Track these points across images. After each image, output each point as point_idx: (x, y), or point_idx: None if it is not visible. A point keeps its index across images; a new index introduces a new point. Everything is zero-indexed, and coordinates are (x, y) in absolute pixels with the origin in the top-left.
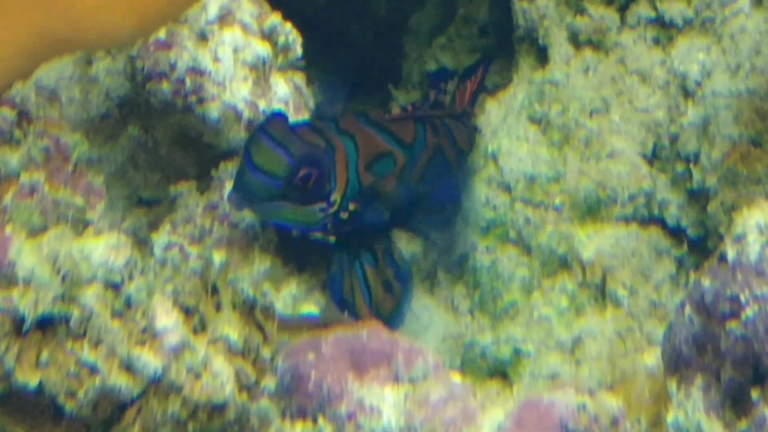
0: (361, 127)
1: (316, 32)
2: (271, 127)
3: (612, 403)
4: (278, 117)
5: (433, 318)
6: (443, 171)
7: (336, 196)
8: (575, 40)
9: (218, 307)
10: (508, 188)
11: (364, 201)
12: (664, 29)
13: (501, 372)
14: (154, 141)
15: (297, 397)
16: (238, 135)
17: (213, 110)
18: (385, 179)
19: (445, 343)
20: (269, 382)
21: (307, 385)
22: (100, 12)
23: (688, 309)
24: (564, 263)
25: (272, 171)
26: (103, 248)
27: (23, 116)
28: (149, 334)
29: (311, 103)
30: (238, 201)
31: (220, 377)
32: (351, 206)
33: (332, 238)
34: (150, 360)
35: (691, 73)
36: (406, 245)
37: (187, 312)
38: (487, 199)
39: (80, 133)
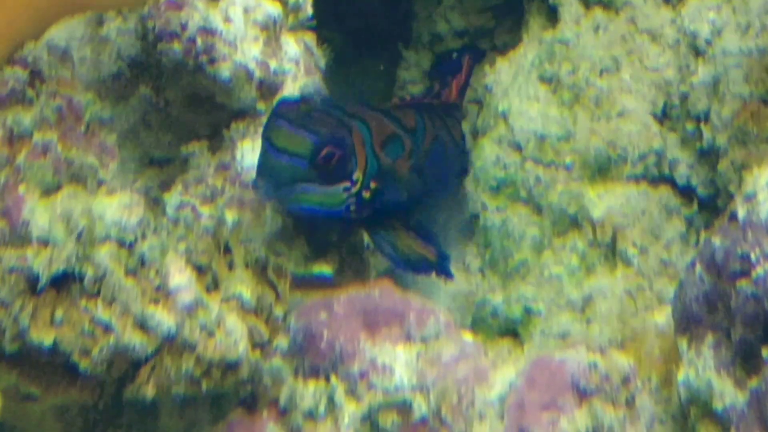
0: (367, 110)
1: None
2: (285, 111)
3: (623, 361)
4: (289, 101)
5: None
6: (443, 159)
7: (358, 175)
8: (586, 0)
9: (231, 266)
10: (518, 147)
11: (384, 180)
12: None
13: (512, 331)
14: (166, 101)
15: (309, 356)
16: (249, 95)
17: (224, 70)
18: (399, 161)
19: (456, 302)
20: (282, 341)
21: (320, 344)
22: None
23: (698, 267)
24: (574, 222)
25: (296, 151)
26: (117, 207)
27: (35, 76)
28: (163, 293)
29: (321, 63)
30: (264, 187)
31: (234, 335)
32: (372, 185)
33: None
34: (164, 318)
35: (702, 32)
36: None
37: (200, 270)
38: (498, 159)
39: (92, 93)
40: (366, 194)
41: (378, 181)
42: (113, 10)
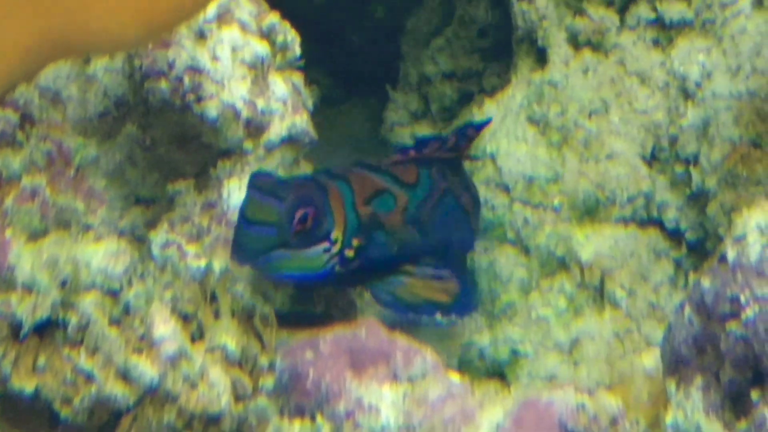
0: (353, 170)
1: (313, 34)
2: (258, 182)
3: (611, 402)
4: (264, 173)
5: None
6: (455, 214)
7: (337, 234)
8: (574, 41)
9: (217, 315)
10: (506, 189)
11: (367, 236)
12: (664, 30)
13: (499, 373)
14: (152, 140)
15: (295, 396)
16: (236, 134)
17: (211, 109)
18: (388, 214)
19: (442, 344)
20: (267, 381)
21: (306, 384)
22: (106, 16)
23: (687, 309)
24: (562, 264)
25: (266, 220)
26: (103, 255)
27: (26, 119)
28: (147, 342)
29: (309, 103)
30: (240, 259)
31: (217, 388)
32: (355, 242)
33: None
34: (147, 369)
35: (691, 75)
36: None
37: (186, 319)
38: (486, 200)
39: (82, 137)
40: (349, 253)
41: (362, 238)
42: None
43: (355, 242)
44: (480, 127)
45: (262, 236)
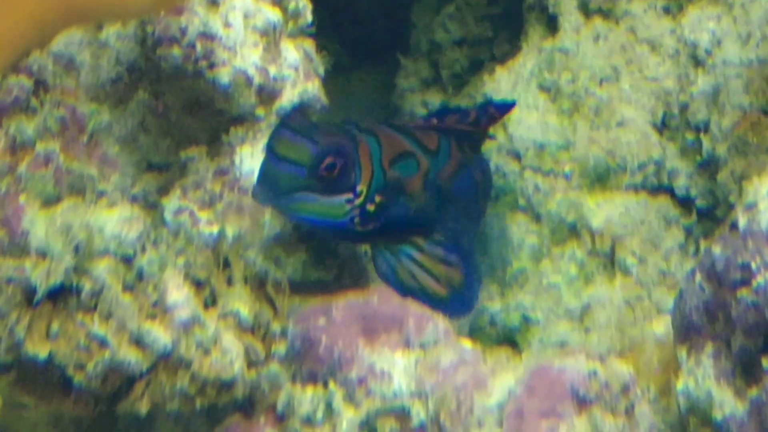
0: (382, 128)
1: (323, 1)
2: (292, 121)
3: (623, 369)
4: (298, 112)
5: None
6: (469, 187)
7: (362, 187)
8: (585, 9)
9: (230, 281)
10: (517, 156)
11: (391, 195)
12: None
13: (510, 339)
14: (165, 106)
15: (308, 362)
16: (248, 100)
17: (223, 75)
18: (410, 178)
19: None
20: (279, 347)
21: (318, 350)
22: None
23: (698, 277)
24: (573, 231)
25: (296, 159)
26: (117, 221)
27: (40, 85)
28: (160, 309)
29: (321, 70)
30: (262, 194)
31: (230, 354)
32: (377, 198)
33: (364, 246)
34: (160, 335)
35: (702, 42)
36: None
37: (199, 285)
38: (497, 167)
39: (95, 103)
40: (370, 207)
41: (384, 196)
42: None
43: (377, 198)
44: (502, 108)
45: (289, 174)
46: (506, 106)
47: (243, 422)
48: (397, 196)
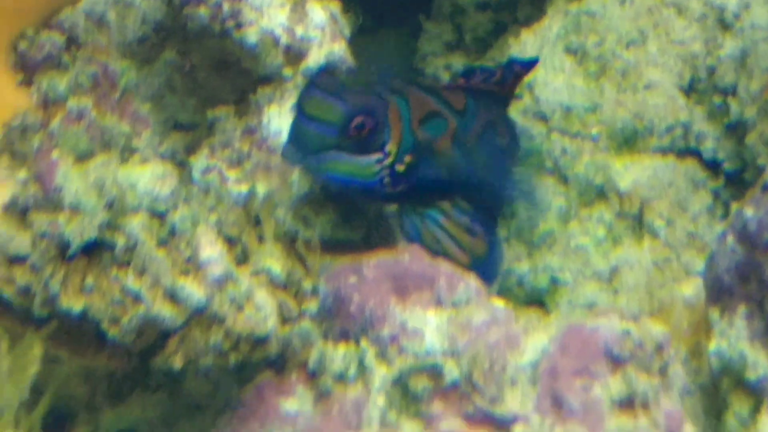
0: (411, 87)
1: None
2: (321, 80)
3: (656, 329)
4: (326, 72)
5: None
6: (495, 147)
7: (391, 147)
8: None
9: (261, 239)
10: (544, 118)
11: (420, 156)
12: None
13: (538, 300)
14: (192, 65)
15: (339, 320)
16: (275, 60)
17: (251, 35)
18: (438, 138)
19: None
20: (311, 305)
21: (350, 308)
22: None
23: (730, 238)
24: (601, 193)
25: (326, 118)
26: (150, 177)
27: (72, 41)
28: (193, 264)
29: (347, 31)
30: (292, 153)
31: (263, 310)
32: (407, 159)
33: (392, 207)
34: (194, 290)
35: (729, 5)
36: None
37: (231, 242)
38: (523, 129)
39: (128, 59)
40: (400, 167)
41: (414, 156)
42: None
43: (406, 159)
44: (527, 65)
45: (319, 133)
46: (530, 64)
47: (274, 379)
48: (426, 156)
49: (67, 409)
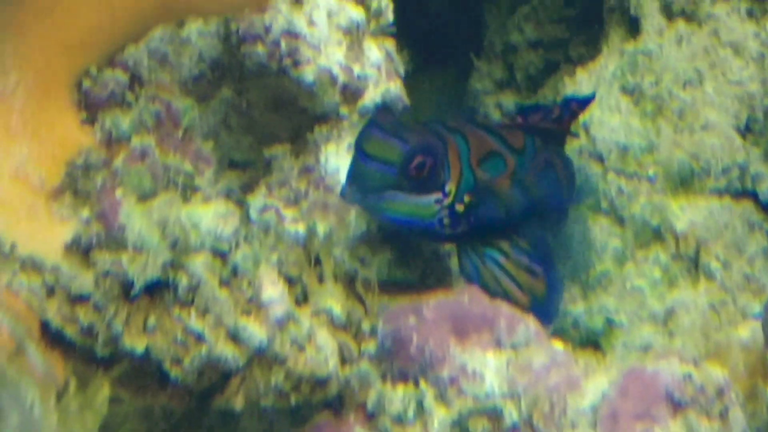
0: (469, 126)
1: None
2: (381, 119)
3: (717, 373)
4: (385, 111)
5: None
6: (554, 185)
7: (451, 187)
8: (668, 11)
9: (321, 279)
10: (600, 158)
11: (479, 195)
12: (759, 1)
13: (593, 342)
14: (248, 103)
15: (398, 361)
16: (332, 99)
17: (308, 73)
18: (498, 178)
19: None
20: (369, 346)
21: (409, 349)
22: None
23: None
24: (657, 234)
25: (387, 158)
26: (212, 216)
27: (135, 79)
28: (255, 305)
29: (401, 70)
30: (352, 193)
31: (324, 351)
32: (466, 198)
33: (450, 247)
34: (256, 331)
35: None
36: None
37: (291, 282)
38: (579, 168)
39: (191, 98)
40: (459, 207)
41: (473, 196)
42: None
43: (466, 199)
44: (583, 103)
45: (379, 173)
46: (587, 101)
47: (333, 420)
48: (486, 196)
49: None
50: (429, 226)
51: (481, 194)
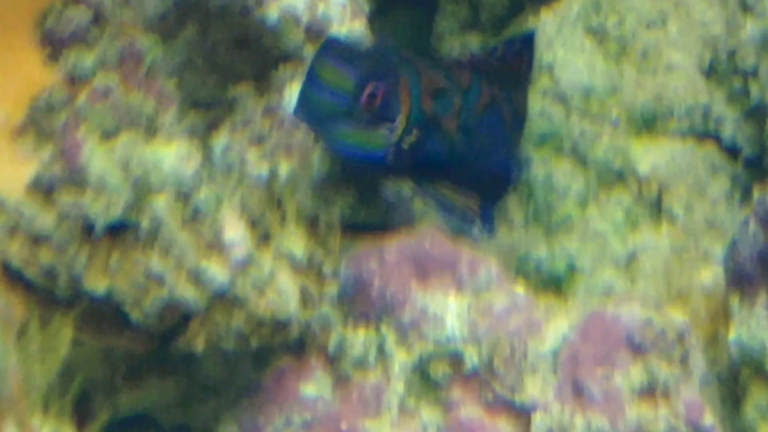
0: (421, 60)
1: None
2: (334, 46)
3: (678, 317)
4: (339, 39)
5: None
6: (498, 127)
7: (400, 119)
8: None
9: (283, 220)
10: (563, 99)
11: (427, 131)
12: None
13: (555, 286)
14: (212, 43)
15: (359, 304)
16: (296, 38)
17: (272, 12)
18: (445, 115)
19: (498, 255)
20: (331, 288)
21: (370, 292)
22: None
23: (752, 225)
24: (620, 177)
25: (339, 86)
26: (174, 156)
27: (99, 17)
28: (216, 246)
29: (366, 8)
30: (303, 118)
31: (285, 294)
32: (415, 132)
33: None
34: (217, 272)
35: None
36: None
37: (253, 223)
38: (543, 110)
39: (154, 36)
40: (408, 140)
41: (421, 131)
42: None
43: (415, 133)
44: (526, 40)
45: (332, 101)
46: (528, 38)
47: (294, 363)
48: (433, 132)
49: (85, 391)
50: (376, 157)
51: (429, 130)
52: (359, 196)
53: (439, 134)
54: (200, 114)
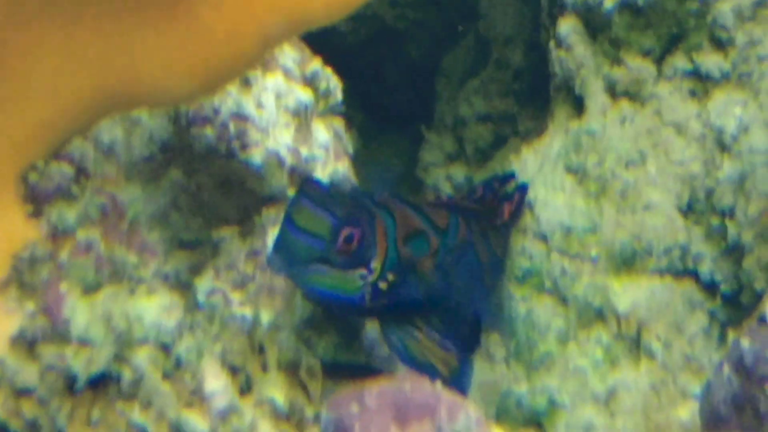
0: (396, 202)
1: (348, 72)
2: (310, 190)
3: None
4: (315, 182)
5: None
6: (473, 268)
7: (376, 264)
8: (612, 91)
9: (264, 367)
10: (544, 238)
11: (403, 274)
12: (701, 82)
13: (536, 422)
14: (197, 185)
15: None
16: (280, 181)
17: (256, 156)
18: (421, 257)
19: (480, 391)
20: None
21: None
22: (159, 74)
23: (727, 368)
24: (600, 315)
25: (315, 231)
26: (156, 308)
27: (81, 172)
28: (198, 397)
29: (350, 149)
30: (278, 263)
31: None
32: (390, 276)
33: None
34: (198, 423)
35: (728, 128)
36: None
37: (235, 372)
38: (523, 248)
39: (136, 186)
40: (382, 285)
41: (396, 274)
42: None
43: (389, 277)
44: (504, 181)
45: (307, 245)
46: (507, 179)
47: None
48: (408, 275)
49: None
50: (351, 300)
51: (405, 273)
52: (342, 336)
53: (414, 276)
54: (185, 256)
